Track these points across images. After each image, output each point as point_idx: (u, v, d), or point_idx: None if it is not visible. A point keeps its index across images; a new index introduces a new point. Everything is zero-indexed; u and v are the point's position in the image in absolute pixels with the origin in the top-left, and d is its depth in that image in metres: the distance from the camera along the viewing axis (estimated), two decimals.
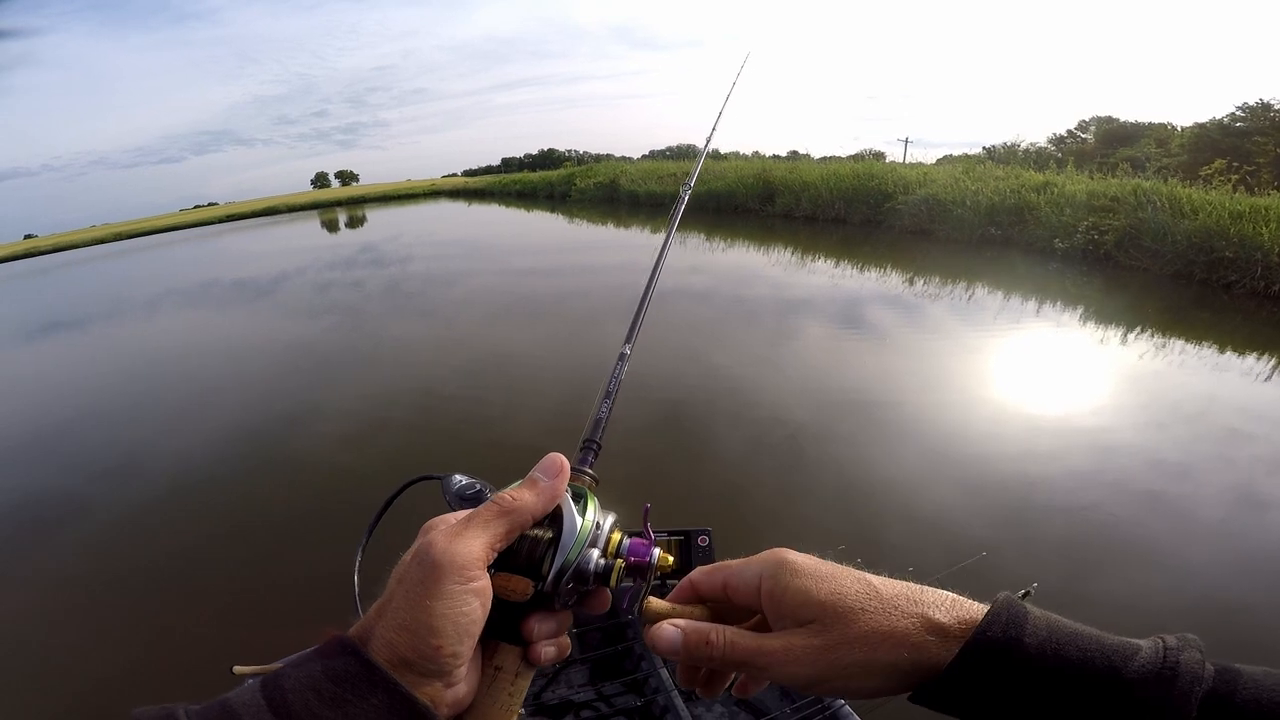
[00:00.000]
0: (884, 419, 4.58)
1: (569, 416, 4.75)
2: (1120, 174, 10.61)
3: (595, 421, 0.55)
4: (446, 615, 0.34)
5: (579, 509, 0.42)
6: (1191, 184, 9.04)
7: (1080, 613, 1.31)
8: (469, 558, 0.35)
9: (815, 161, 18.91)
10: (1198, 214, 7.86)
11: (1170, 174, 10.31)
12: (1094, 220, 8.97)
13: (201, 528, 3.86)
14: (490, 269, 12.46)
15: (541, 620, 0.40)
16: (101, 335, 10.74)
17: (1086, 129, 26.17)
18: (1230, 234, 7.32)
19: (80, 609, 3.24)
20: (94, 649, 2.93)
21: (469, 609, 0.35)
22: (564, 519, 0.41)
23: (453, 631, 0.34)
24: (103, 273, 22.79)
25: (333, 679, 0.33)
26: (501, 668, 0.39)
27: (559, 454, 0.43)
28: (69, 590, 3.42)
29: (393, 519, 0.60)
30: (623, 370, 0.62)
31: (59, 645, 3.00)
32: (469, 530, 0.37)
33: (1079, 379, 5.18)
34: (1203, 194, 8.43)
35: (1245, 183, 9.37)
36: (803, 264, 10.77)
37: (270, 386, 6.58)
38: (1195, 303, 7.07)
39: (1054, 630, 0.34)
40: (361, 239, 22.20)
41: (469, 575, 0.35)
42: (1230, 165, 12.41)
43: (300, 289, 12.44)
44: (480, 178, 48.71)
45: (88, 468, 4.96)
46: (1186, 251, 7.68)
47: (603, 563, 0.41)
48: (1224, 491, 3.47)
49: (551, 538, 0.40)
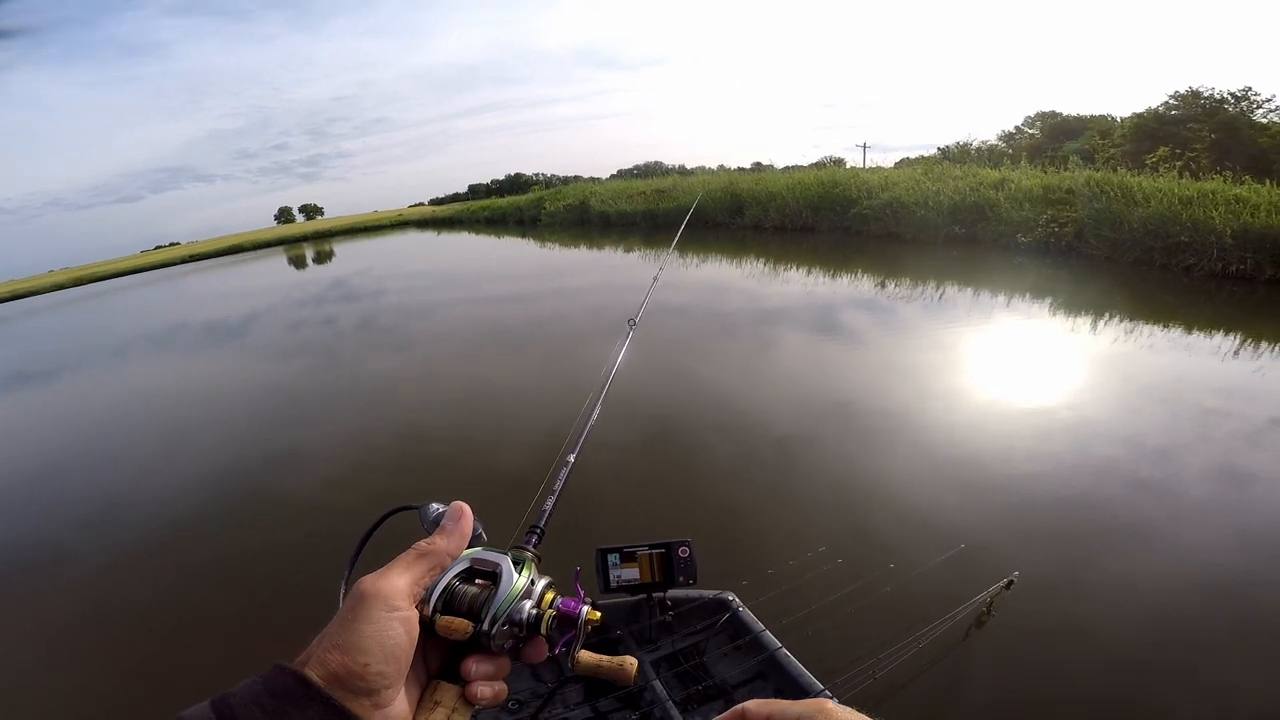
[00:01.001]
0: (865, 421, 4.63)
1: (550, 447, 4.69)
2: (1072, 166, 10.99)
3: (540, 512, 0.62)
4: (373, 637, 0.40)
5: (517, 570, 0.48)
6: (1139, 172, 9.39)
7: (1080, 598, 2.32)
8: (392, 590, 0.42)
9: (779, 171, 19.18)
10: (1149, 201, 8.14)
11: (1118, 164, 10.71)
12: (1053, 213, 9.24)
13: (183, 572, 3.86)
14: (464, 298, 12.32)
15: (479, 661, 0.45)
16: (72, 384, 10.36)
17: (1033, 124, 27.08)
18: (1183, 219, 7.59)
19: (63, 653, 3.24)
20: (77, 692, 2.94)
21: (393, 633, 0.40)
22: (502, 575, 0.47)
23: (379, 651, 0.39)
24: (67, 320, 21.95)
25: (273, 694, 0.37)
26: (440, 703, 0.44)
27: (461, 503, 0.51)
28: (52, 635, 3.42)
29: (374, 551, 0.63)
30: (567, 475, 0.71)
31: (44, 689, 3.01)
32: (394, 569, 0.44)
33: (1054, 369, 5.29)
34: (1151, 181, 8.74)
35: (1189, 168, 9.78)
36: (776, 274, 10.89)
37: (247, 429, 6.43)
38: (1159, 287, 7.31)
39: None
40: (330, 274, 21.85)
41: (393, 605, 0.41)
42: (1173, 152, 12.94)
43: (271, 329, 12.19)
44: (448, 206, 48.45)
45: (67, 516, 4.90)
46: (1144, 238, 7.93)
47: (534, 612, 0.47)
48: (1208, 469, 3.56)
49: (491, 590, 0.46)
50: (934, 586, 2.62)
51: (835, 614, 2.23)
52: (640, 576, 1.91)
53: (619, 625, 2.05)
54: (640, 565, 1.92)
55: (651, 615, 2.00)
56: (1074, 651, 2.44)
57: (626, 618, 2.05)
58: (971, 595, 2.46)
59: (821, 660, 1.93)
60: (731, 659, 1.99)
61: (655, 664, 1.97)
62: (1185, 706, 2.18)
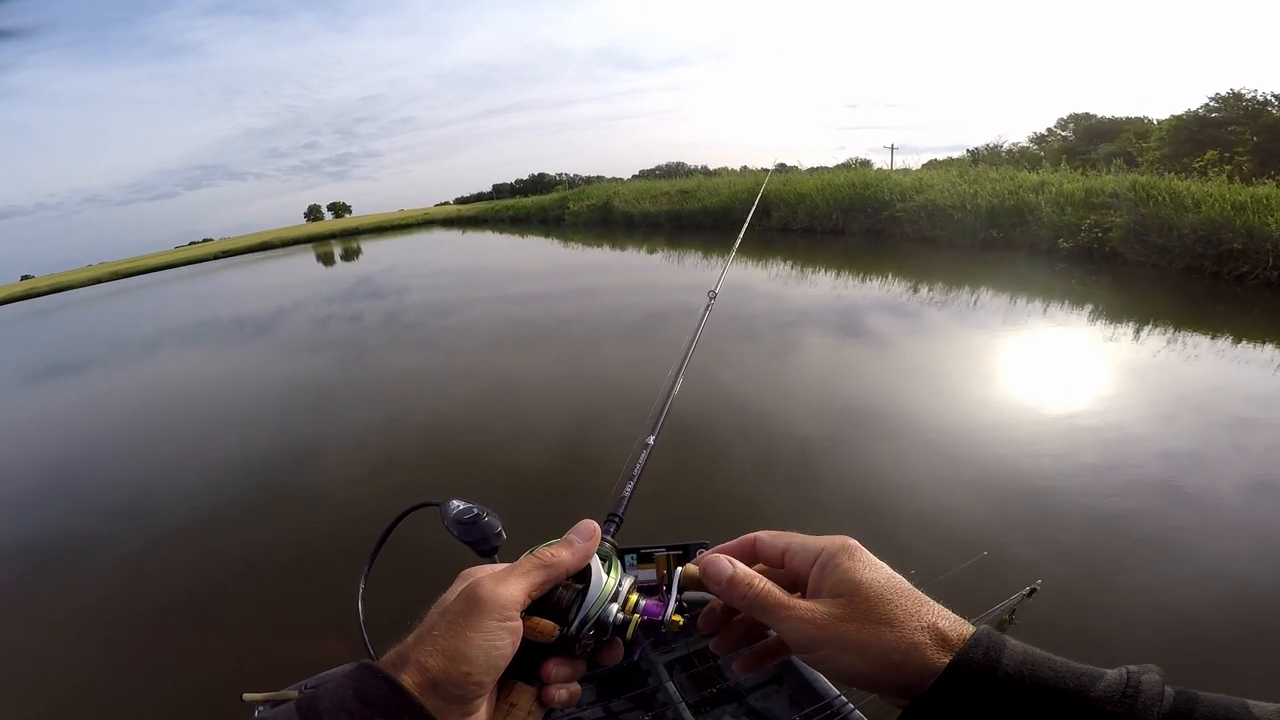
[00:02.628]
0: (889, 425, 4.55)
1: (574, 443, 4.82)
2: (1115, 170, 10.63)
3: (619, 499, 0.61)
4: (481, 646, 0.38)
5: (605, 569, 0.46)
6: (1185, 176, 9.02)
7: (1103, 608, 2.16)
8: (508, 599, 0.40)
9: (805, 173, 18.91)
10: (1199, 207, 7.81)
11: (1162, 167, 10.31)
12: (1096, 218, 8.93)
13: (212, 563, 3.89)
14: (488, 296, 12.37)
15: (559, 664, 0.43)
16: (106, 376, 10.65)
17: (1066, 126, 26.44)
18: (1236, 225, 7.26)
19: (94, 643, 3.28)
20: (108, 682, 2.97)
21: (501, 644, 0.39)
22: (591, 576, 0.45)
23: (484, 661, 0.38)
24: (102, 313, 22.64)
25: (364, 701, 0.35)
26: (516, 705, 0.42)
27: (592, 520, 0.48)
28: (84, 624, 3.46)
29: (394, 546, 0.61)
30: (646, 458, 0.69)
31: (74, 678, 3.05)
32: (511, 577, 0.41)
33: (1091, 378, 5.09)
34: (1200, 186, 8.38)
35: (1240, 172, 9.36)
36: (803, 277, 10.73)
37: (275, 423, 6.52)
38: (1209, 296, 7.00)
39: (1029, 656, 0.37)
40: (357, 271, 22.19)
41: (506, 614, 0.39)
42: (1221, 156, 12.45)
43: (299, 324, 12.38)
44: (473, 205, 48.89)
45: (99, 507, 4.96)
46: (1194, 245, 7.62)
47: (621, 616, 0.45)
48: (1245, 484, 3.39)
49: (580, 590, 0.44)
50: (955, 594, 2.52)
51: None
52: (657, 577, 1.89)
53: (642, 658, 2.03)
54: (658, 566, 1.89)
55: None
56: (1095, 663, 2.35)
57: None
58: (993, 603, 2.41)
59: None
60: None
61: (669, 666, 1.97)
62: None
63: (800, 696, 1.81)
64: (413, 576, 3.33)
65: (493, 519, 1.34)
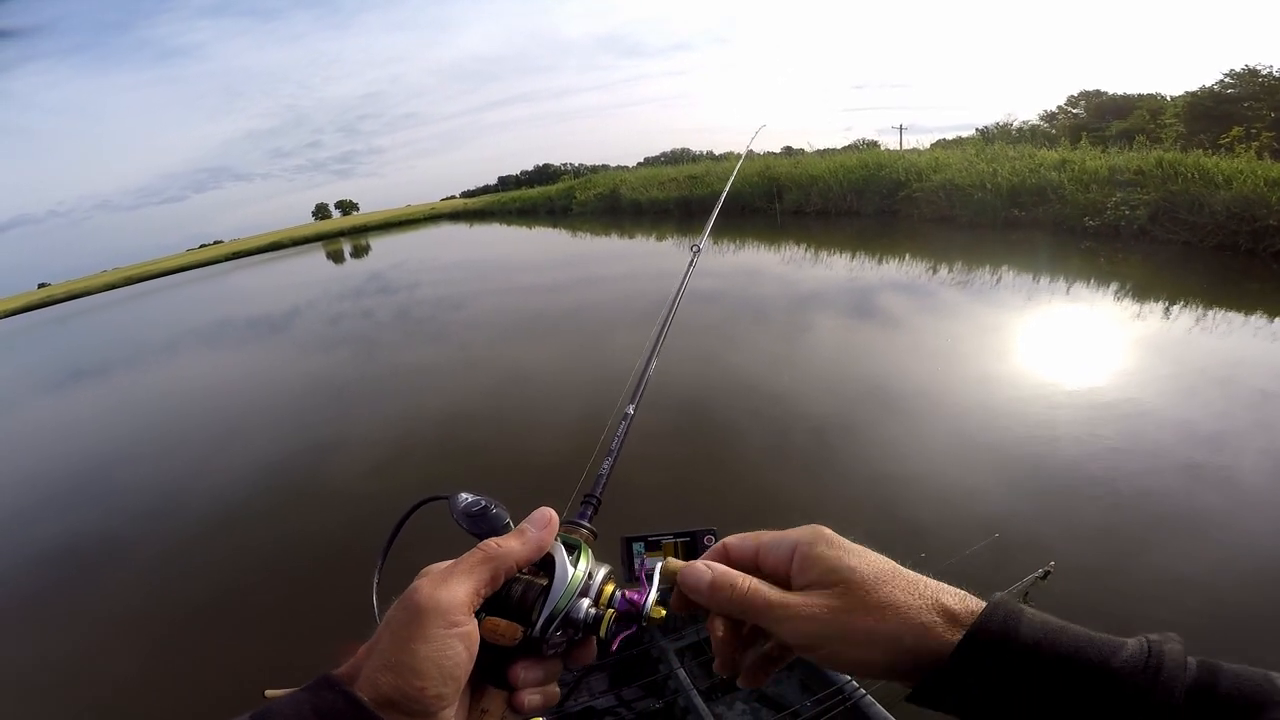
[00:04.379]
0: (904, 406, 4.50)
1: (587, 433, 4.65)
2: (1138, 147, 10.36)
3: (596, 478, 0.56)
4: (430, 658, 0.35)
5: (572, 559, 0.42)
6: (1212, 153, 8.77)
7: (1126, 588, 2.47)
8: (453, 602, 0.36)
9: (813, 155, 18.57)
10: (1230, 184, 7.60)
11: (1186, 144, 10.01)
12: (1123, 195, 8.70)
13: (236, 560, 3.93)
14: (498, 288, 12.33)
15: (528, 667, 0.40)
16: (128, 380, 10.75)
17: (1076, 104, 25.83)
18: (1272, 202, 7.03)
19: (129, 642, 3.32)
20: (136, 680, 3.01)
21: (453, 652, 0.36)
22: (555, 568, 0.41)
23: (436, 674, 0.35)
24: (119, 318, 22.86)
25: (320, 715, 0.33)
26: (487, 711, 0.39)
27: (549, 508, 0.43)
28: (120, 624, 3.50)
29: (406, 541, 0.61)
30: (626, 430, 0.63)
31: (114, 676, 3.08)
32: (454, 576, 0.38)
33: (1119, 357, 4.97)
34: (1229, 163, 8.17)
35: (1270, 149, 9.07)
36: (817, 259, 10.58)
37: (294, 420, 6.58)
38: (1243, 274, 6.77)
39: (1047, 625, 0.35)
40: (367, 268, 22.22)
41: (453, 620, 0.36)
42: (1247, 133, 12.08)
43: (313, 322, 12.43)
44: (479, 198, 48.77)
45: (126, 508, 5.01)
46: (1227, 222, 7.39)
47: (593, 612, 0.41)
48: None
49: (544, 586, 0.40)
50: (968, 576, 2.47)
51: None
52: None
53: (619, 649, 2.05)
54: (665, 554, 1.86)
55: None
56: None
57: None
58: (1006, 585, 2.37)
59: None
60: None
61: (679, 653, 1.96)
62: None
63: (811, 681, 1.81)
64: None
65: (500, 510, 1.29)
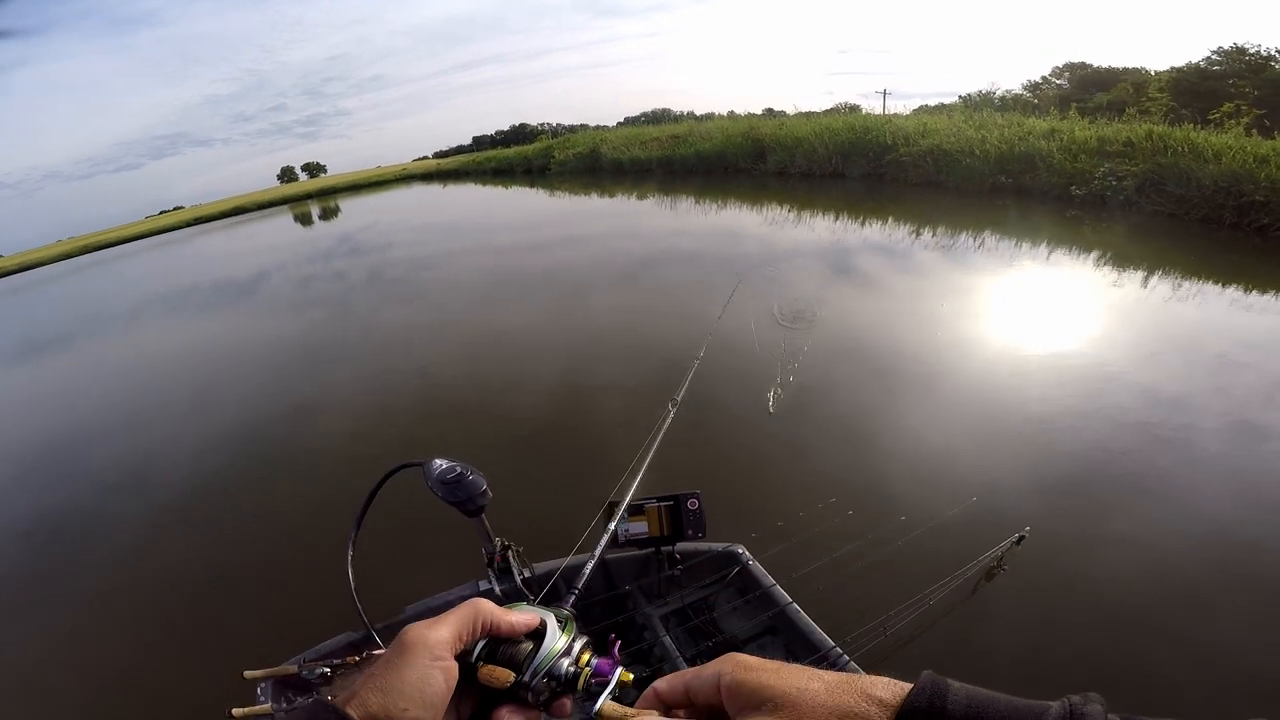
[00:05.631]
0: (880, 369, 4.49)
1: (569, 386, 4.85)
2: (1128, 119, 10.36)
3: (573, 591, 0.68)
4: (414, 683, 0.41)
5: (562, 629, 0.48)
6: (1201, 127, 8.78)
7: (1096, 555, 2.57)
8: (437, 640, 0.43)
9: (796, 117, 18.16)
10: (1219, 158, 7.61)
11: (1178, 118, 9.97)
12: (1111, 166, 8.68)
13: (216, 531, 3.83)
14: (474, 248, 11.98)
15: (512, 712, 0.45)
16: (93, 350, 10.22)
17: (1061, 75, 25.74)
18: (1260, 178, 7.05)
19: (98, 620, 3.22)
20: (111, 659, 2.91)
21: (434, 681, 0.42)
22: (546, 632, 0.48)
23: (418, 698, 0.41)
24: (77, 287, 21.60)
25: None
26: None
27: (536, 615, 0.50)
28: (101, 602, 3.38)
29: (380, 508, 0.63)
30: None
31: (78, 655, 3.00)
32: (441, 622, 0.44)
33: (1097, 324, 4.97)
34: (1219, 138, 8.18)
35: (1261, 126, 9.09)
36: (800, 220, 10.43)
37: (267, 385, 6.36)
38: (1225, 247, 6.81)
39: (973, 698, 0.37)
40: (337, 230, 21.42)
41: (436, 654, 0.42)
42: (1237, 109, 12.10)
43: (282, 285, 11.99)
44: (453, 158, 46.94)
45: (100, 481, 4.81)
46: (1214, 196, 7.40)
47: (572, 670, 0.47)
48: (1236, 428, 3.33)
49: (534, 646, 0.47)
50: (946, 540, 2.55)
51: (846, 567, 2.17)
52: (649, 530, 1.85)
53: (627, 580, 2.04)
54: (649, 518, 1.85)
55: (660, 569, 1.96)
56: (1081, 609, 2.38)
57: (635, 572, 2.05)
58: (984, 549, 2.41)
59: (831, 615, 1.87)
60: (741, 613, 1.98)
61: (665, 619, 1.94)
62: (1179, 667, 2.13)
63: (796, 646, 1.79)
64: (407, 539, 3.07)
65: (477, 477, 1.17)
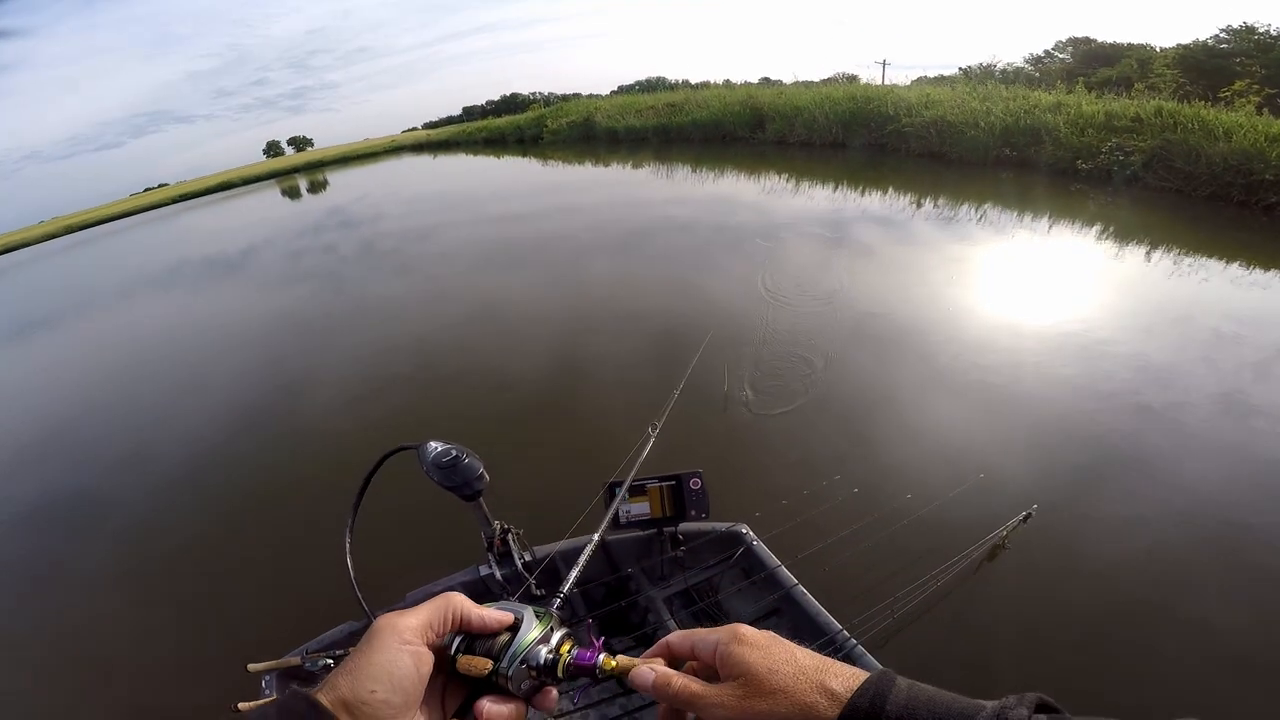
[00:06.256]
0: (883, 342, 4.44)
1: (563, 356, 4.85)
2: (1136, 95, 10.20)
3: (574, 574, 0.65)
4: (383, 666, 0.42)
5: (540, 622, 0.48)
6: (1211, 105, 8.60)
7: (1091, 532, 2.60)
8: (406, 625, 0.44)
9: (795, 86, 17.79)
10: (1230, 136, 7.50)
11: (1189, 94, 9.79)
12: (1118, 141, 8.55)
13: (216, 511, 3.78)
14: (467, 219, 11.77)
15: (494, 701, 0.46)
16: (83, 329, 10.03)
17: (1064, 49, 25.23)
18: (1270, 157, 6.94)
19: (98, 602, 3.19)
20: (111, 642, 2.89)
21: (403, 664, 0.42)
22: (523, 623, 0.48)
23: (386, 680, 0.41)
24: (66, 267, 21.00)
25: (284, 715, 0.39)
26: None
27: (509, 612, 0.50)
28: (89, 588, 3.35)
29: (377, 492, 0.63)
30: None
31: (78, 637, 2.97)
32: (412, 611, 0.46)
33: (1101, 299, 4.91)
34: (1229, 116, 8.06)
35: (1271, 104, 8.93)
36: (798, 190, 10.30)
37: (261, 361, 6.28)
38: (1232, 224, 6.73)
39: (914, 697, 0.39)
40: (326, 203, 21.00)
41: (405, 639, 0.43)
42: (1249, 87, 11.88)
43: (273, 260, 11.80)
44: (443, 129, 45.73)
45: (99, 462, 4.75)
46: (1223, 174, 7.30)
47: (551, 657, 0.47)
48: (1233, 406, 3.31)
49: (511, 637, 0.47)
50: (952, 518, 2.54)
51: (851, 547, 2.11)
52: (651, 511, 1.82)
53: (630, 562, 2.01)
54: (651, 499, 1.82)
55: (663, 550, 1.92)
56: (1084, 588, 2.37)
57: (638, 554, 2.02)
58: (990, 529, 2.38)
59: (837, 594, 1.83)
60: (746, 594, 1.95)
61: (668, 601, 1.91)
62: (1170, 645, 2.13)
63: (801, 628, 1.76)
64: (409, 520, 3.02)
65: (474, 460, 1.06)
